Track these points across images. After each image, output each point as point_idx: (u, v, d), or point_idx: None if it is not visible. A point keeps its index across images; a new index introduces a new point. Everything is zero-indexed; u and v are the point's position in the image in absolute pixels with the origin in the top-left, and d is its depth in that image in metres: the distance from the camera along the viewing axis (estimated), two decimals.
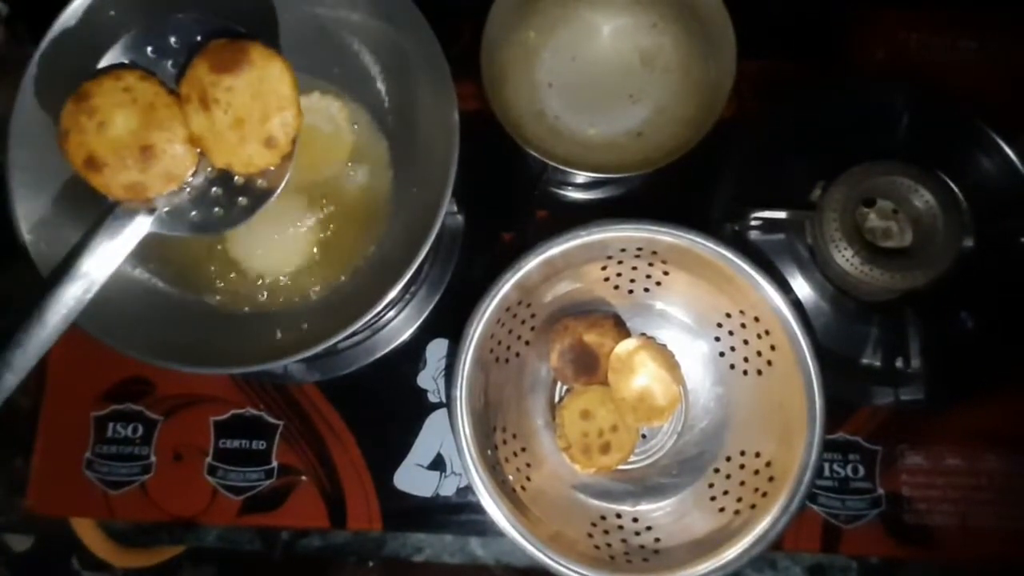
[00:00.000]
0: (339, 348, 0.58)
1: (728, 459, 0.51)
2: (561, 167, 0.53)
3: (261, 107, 0.38)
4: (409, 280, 0.42)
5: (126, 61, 0.40)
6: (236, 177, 0.40)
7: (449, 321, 0.60)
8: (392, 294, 0.42)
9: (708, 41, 0.55)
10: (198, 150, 0.40)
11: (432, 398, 0.59)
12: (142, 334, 0.44)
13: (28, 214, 0.42)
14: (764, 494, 0.47)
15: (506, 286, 0.47)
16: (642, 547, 0.49)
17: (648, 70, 0.58)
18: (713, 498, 0.50)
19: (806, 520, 0.56)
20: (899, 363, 0.54)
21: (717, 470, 0.51)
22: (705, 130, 0.52)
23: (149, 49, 0.40)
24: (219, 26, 0.40)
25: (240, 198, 0.41)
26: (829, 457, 0.57)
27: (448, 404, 0.47)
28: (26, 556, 0.68)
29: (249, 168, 0.40)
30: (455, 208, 0.59)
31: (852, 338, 0.56)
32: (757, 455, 0.49)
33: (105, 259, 0.39)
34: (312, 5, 0.47)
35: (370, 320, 0.43)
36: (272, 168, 0.40)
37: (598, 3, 0.59)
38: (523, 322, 0.53)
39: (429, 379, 0.59)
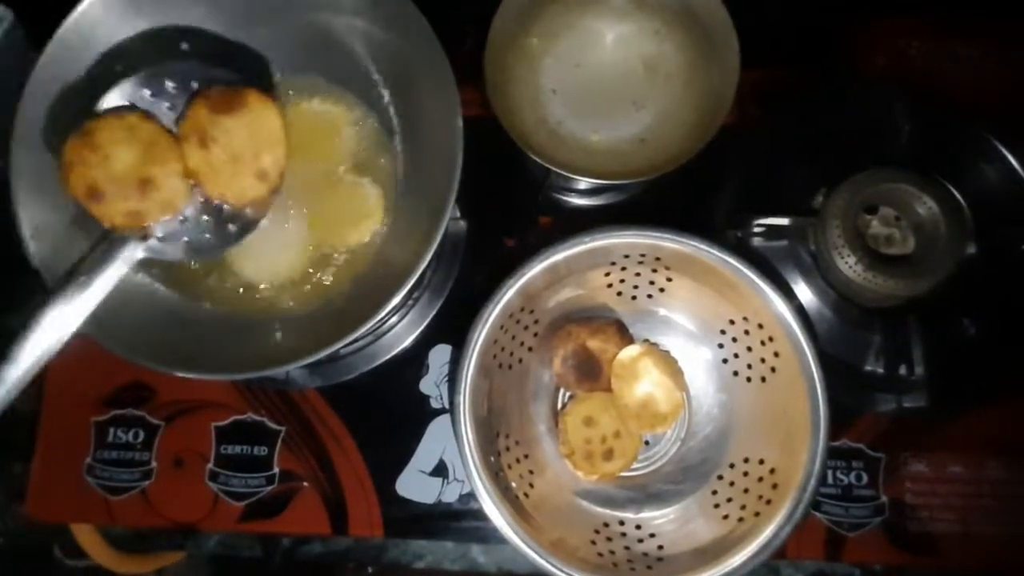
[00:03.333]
0: (341, 354, 0.58)
1: (732, 466, 0.51)
2: (564, 173, 0.53)
3: (254, 145, 0.42)
4: (412, 286, 0.42)
5: (127, 103, 0.43)
6: (226, 207, 0.44)
7: (452, 327, 0.60)
8: (395, 300, 0.42)
9: (711, 48, 0.55)
10: (193, 183, 0.43)
11: (434, 404, 0.59)
12: (145, 339, 0.44)
13: (31, 218, 0.43)
14: (768, 501, 0.47)
15: (509, 292, 0.47)
16: (645, 555, 0.49)
17: (651, 76, 0.58)
18: (716, 505, 0.50)
19: (809, 528, 0.56)
20: (902, 370, 0.54)
21: (720, 477, 0.51)
22: (708, 137, 0.52)
23: (148, 92, 0.43)
24: (214, 73, 0.44)
25: (230, 225, 0.44)
26: (832, 464, 0.57)
27: (451, 410, 0.47)
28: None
29: (241, 199, 0.44)
30: (458, 214, 0.59)
31: (855, 345, 0.56)
32: (761, 462, 0.49)
33: (99, 283, 0.41)
34: (316, 10, 0.47)
35: (373, 326, 0.43)
36: (260, 199, 0.44)
37: (601, 10, 0.59)
38: (526, 328, 0.53)
39: (431, 385, 0.59)
